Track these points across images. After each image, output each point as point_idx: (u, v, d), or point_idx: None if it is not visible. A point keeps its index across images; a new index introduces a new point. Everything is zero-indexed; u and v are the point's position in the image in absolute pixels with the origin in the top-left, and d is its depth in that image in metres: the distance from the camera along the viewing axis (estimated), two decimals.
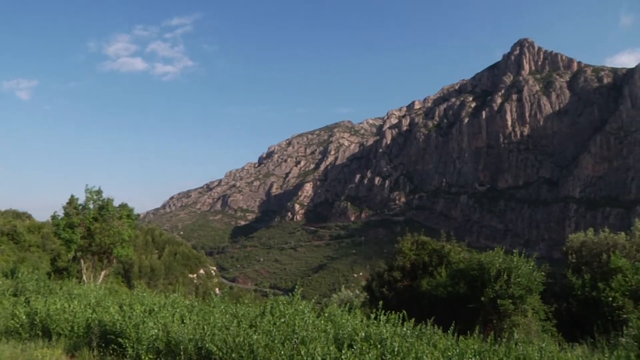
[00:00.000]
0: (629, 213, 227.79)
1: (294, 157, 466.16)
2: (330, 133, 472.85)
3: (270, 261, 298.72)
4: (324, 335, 10.18)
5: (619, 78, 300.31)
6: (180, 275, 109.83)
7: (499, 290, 20.81)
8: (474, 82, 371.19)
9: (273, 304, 12.65)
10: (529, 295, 21.39)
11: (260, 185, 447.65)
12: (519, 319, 20.69)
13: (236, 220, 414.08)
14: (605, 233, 30.57)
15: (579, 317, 23.58)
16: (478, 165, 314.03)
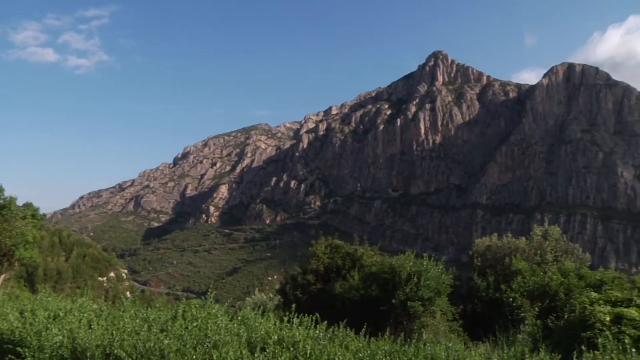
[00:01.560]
0: (529, 219, 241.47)
1: (210, 158, 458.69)
2: (248, 135, 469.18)
3: (183, 264, 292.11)
4: (236, 339, 10.06)
5: (523, 93, 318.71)
6: (89, 278, 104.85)
7: (409, 293, 21.38)
8: (390, 90, 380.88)
9: (185, 308, 12.33)
10: (438, 297, 22.11)
11: (174, 186, 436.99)
12: (428, 320, 21.35)
13: (149, 221, 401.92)
14: (508, 238, 32.26)
15: (483, 317, 24.65)
16: (392, 171, 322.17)
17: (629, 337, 10.74)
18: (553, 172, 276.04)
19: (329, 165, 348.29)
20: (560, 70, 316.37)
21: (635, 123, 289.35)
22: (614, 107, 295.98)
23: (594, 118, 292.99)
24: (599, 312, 12.44)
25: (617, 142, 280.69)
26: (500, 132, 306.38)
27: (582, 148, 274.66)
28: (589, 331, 11.92)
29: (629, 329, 11.34)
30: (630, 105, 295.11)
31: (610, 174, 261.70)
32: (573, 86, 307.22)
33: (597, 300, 14.11)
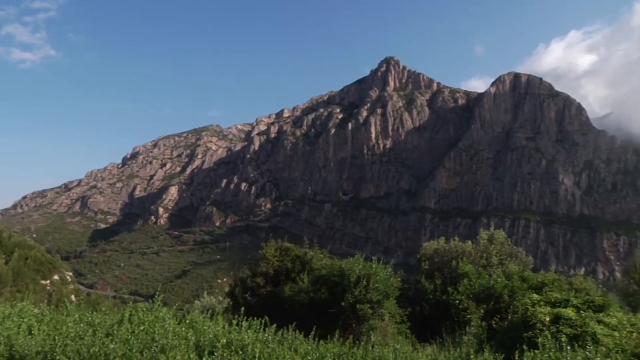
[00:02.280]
0: (475, 223, 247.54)
1: (160, 159, 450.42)
2: (198, 136, 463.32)
3: (131, 266, 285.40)
4: (184, 343, 9.94)
5: (472, 100, 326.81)
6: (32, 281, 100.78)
7: (358, 296, 21.54)
8: (342, 95, 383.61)
9: (132, 311, 12.05)
10: (386, 299, 22.36)
11: (123, 187, 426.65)
12: (376, 322, 21.54)
13: (96, 223, 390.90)
14: (455, 241, 32.95)
15: (431, 319, 25.06)
16: (342, 175, 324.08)
17: (566, 335, 11.24)
18: (499, 177, 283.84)
19: (280, 168, 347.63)
20: (507, 79, 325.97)
21: (575, 132, 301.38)
22: (556, 116, 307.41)
23: (538, 126, 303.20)
24: (540, 313, 12.89)
25: (558, 150, 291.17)
26: (449, 138, 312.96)
27: (526, 155, 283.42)
28: (530, 331, 12.33)
29: (565, 328, 11.82)
30: (571, 115, 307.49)
31: (552, 180, 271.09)
32: (519, 95, 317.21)
33: (538, 301, 14.60)
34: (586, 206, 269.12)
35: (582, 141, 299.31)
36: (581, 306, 13.67)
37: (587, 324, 11.86)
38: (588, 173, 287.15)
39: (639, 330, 11.88)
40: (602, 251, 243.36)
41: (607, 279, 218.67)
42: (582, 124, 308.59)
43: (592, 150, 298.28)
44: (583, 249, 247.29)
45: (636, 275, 35.37)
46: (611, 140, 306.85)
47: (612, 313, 13.25)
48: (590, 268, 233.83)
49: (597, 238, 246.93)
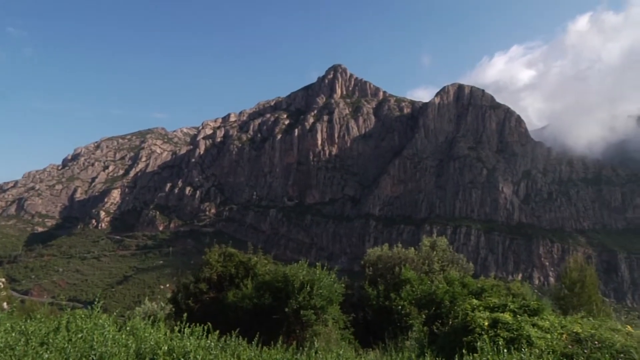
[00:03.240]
0: (418, 230, 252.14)
1: (102, 161, 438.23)
2: (143, 139, 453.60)
3: (70, 271, 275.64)
4: (124, 350, 9.72)
5: (416, 110, 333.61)
6: None
7: (302, 302, 21.56)
8: (289, 101, 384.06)
9: (70, 319, 11.65)
10: (330, 305, 22.46)
11: (63, 190, 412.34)
12: (320, 328, 21.61)
13: (33, 226, 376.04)
14: (398, 248, 33.45)
15: (374, 325, 25.33)
16: (288, 181, 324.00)
17: (503, 339, 11.63)
18: (442, 186, 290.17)
19: (225, 173, 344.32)
20: (451, 90, 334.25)
21: (515, 143, 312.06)
22: (497, 127, 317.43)
23: (480, 137, 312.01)
24: (479, 318, 13.25)
25: (499, 159, 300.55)
26: (394, 146, 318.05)
27: (468, 164, 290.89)
28: (470, 335, 12.65)
29: (503, 332, 12.21)
30: (511, 127, 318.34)
31: (492, 189, 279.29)
32: (462, 106, 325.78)
33: (477, 306, 15.00)
34: (524, 214, 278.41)
35: (521, 152, 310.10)
36: (517, 311, 14.15)
37: (523, 328, 12.29)
38: (526, 183, 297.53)
39: (569, 331, 12.42)
40: (538, 257, 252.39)
41: (542, 284, 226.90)
42: (521, 135, 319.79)
43: (530, 160, 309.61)
44: (520, 255, 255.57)
45: (567, 280, 36.88)
46: (548, 151, 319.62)
47: (546, 316, 13.78)
48: (527, 274, 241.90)
49: (534, 245, 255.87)
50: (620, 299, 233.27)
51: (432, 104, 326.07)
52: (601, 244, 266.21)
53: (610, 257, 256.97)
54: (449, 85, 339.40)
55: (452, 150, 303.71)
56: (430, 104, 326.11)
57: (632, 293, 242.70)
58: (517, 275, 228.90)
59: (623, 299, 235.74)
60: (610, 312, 37.87)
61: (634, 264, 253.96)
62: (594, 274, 38.26)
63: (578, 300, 35.05)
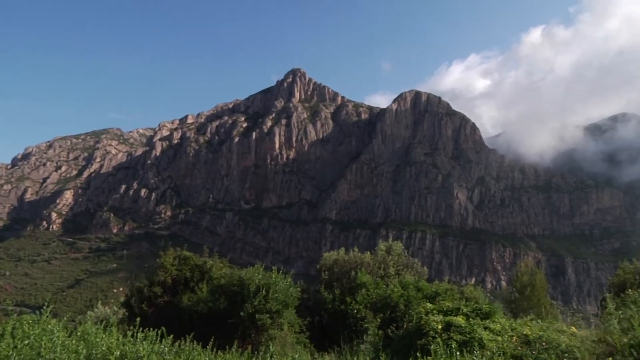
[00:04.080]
0: (375, 235, 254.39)
1: (55, 161, 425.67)
2: (98, 139, 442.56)
3: (18, 275, 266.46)
4: (74, 357, 9.48)
5: (374, 115, 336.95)
6: None
7: (257, 306, 21.48)
8: (248, 103, 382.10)
9: (15, 324, 11.19)
10: (286, 309, 22.44)
11: (12, 190, 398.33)
12: (275, 332, 21.55)
13: None
14: (354, 252, 33.67)
15: (329, 328, 25.42)
16: (245, 184, 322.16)
17: (456, 342, 11.88)
18: (398, 191, 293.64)
19: (181, 175, 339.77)
20: (409, 96, 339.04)
21: (470, 150, 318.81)
22: (452, 134, 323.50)
23: (436, 143, 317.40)
24: (433, 321, 13.48)
25: (454, 166, 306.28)
26: (351, 151, 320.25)
27: (424, 170, 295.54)
28: (424, 339, 12.85)
29: (456, 334, 12.47)
30: (466, 134, 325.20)
31: (447, 195, 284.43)
32: (419, 112, 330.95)
33: (431, 310, 15.25)
34: (478, 220, 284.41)
35: (475, 158, 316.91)
36: (470, 314, 14.45)
37: (475, 331, 12.56)
38: (480, 189, 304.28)
39: (519, 334, 12.77)
40: (491, 262, 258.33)
41: (495, 287, 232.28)
42: (476, 143, 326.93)
43: (484, 167, 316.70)
44: (474, 260, 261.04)
45: (518, 284, 37.93)
46: (501, 158, 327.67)
47: (497, 319, 14.12)
48: (480, 278, 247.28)
49: (487, 250, 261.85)
50: (566, 301, 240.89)
51: (390, 110, 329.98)
52: (550, 249, 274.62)
53: (558, 262, 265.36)
54: (406, 91, 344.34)
55: (408, 156, 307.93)
56: (388, 110, 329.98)
57: (577, 296, 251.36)
58: (471, 279, 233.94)
59: (569, 301, 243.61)
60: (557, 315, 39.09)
61: (579, 268, 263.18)
62: (543, 278, 39.45)
63: (528, 303, 36.03)
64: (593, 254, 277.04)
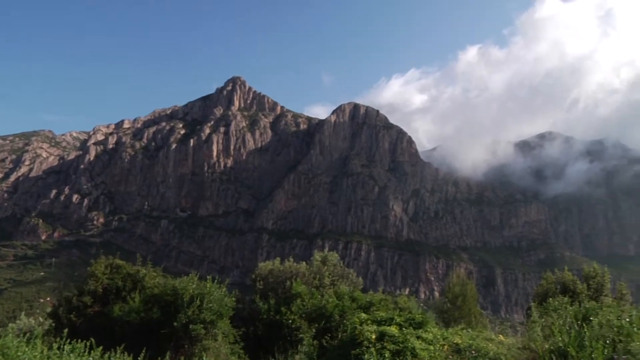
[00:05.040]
0: (311, 245, 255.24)
1: None
2: (27, 141, 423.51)
3: None
4: None
5: (313, 126, 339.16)
6: None
7: (191, 316, 21.17)
8: (186, 110, 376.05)
9: None
10: (220, 319, 22.20)
11: None
12: (209, 343, 21.28)
13: None
14: (289, 262, 33.71)
15: (264, 339, 25.29)
16: (181, 192, 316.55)
17: (389, 351, 12.12)
18: (335, 202, 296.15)
19: (116, 181, 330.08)
20: (347, 108, 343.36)
21: (406, 163, 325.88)
22: (389, 147, 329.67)
23: (373, 155, 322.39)
24: (367, 331, 13.66)
25: (390, 178, 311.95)
26: (289, 160, 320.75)
27: (361, 181, 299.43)
28: (358, 348, 13.00)
29: (389, 344, 12.69)
30: (402, 147, 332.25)
31: (383, 206, 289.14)
32: (357, 124, 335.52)
33: (365, 320, 15.45)
34: (412, 231, 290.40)
35: (411, 171, 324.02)
36: (403, 324, 14.75)
37: (408, 340, 12.83)
38: (415, 201, 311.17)
39: (450, 343, 13.16)
40: (424, 273, 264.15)
41: (428, 298, 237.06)
42: (412, 156, 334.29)
43: (419, 180, 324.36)
44: (408, 270, 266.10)
45: (450, 294, 38.99)
46: (436, 172, 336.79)
47: (429, 329, 14.48)
48: (413, 288, 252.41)
49: (421, 261, 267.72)
50: (496, 311, 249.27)
51: (328, 121, 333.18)
52: (481, 260, 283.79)
53: (488, 273, 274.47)
54: (345, 104, 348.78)
55: (345, 167, 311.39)
56: (327, 122, 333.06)
57: (506, 305, 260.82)
58: (405, 290, 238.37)
59: (498, 310, 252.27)
60: (486, 324, 40.39)
61: (508, 278, 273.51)
62: (474, 289, 40.72)
63: (459, 312, 37.05)
64: (521, 265, 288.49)
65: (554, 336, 10.37)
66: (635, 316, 11.64)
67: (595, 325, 10.69)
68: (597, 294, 31.73)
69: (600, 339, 9.67)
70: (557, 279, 33.54)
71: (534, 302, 30.71)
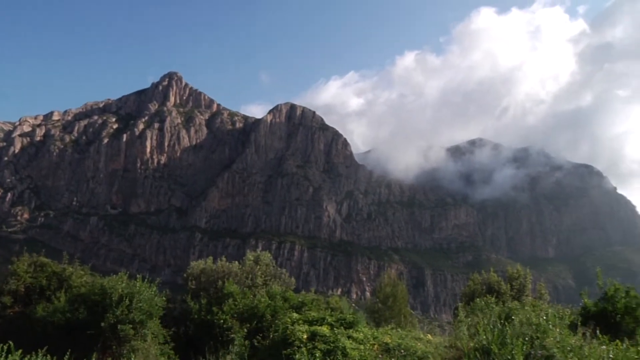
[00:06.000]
0: (244, 244, 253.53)
1: None
2: None
3: None
4: None
5: (249, 125, 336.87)
6: None
7: (120, 316, 20.74)
8: (120, 104, 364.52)
9: None
10: (150, 319, 21.84)
11: None
12: (138, 343, 20.89)
13: None
14: (222, 262, 33.51)
15: (195, 339, 25.07)
16: (112, 188, 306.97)
17: (320, 351, 12.28)
18: (269, 201, 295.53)
19: (43, 175, 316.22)
20: (284, 109, 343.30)
21: (340, 165, 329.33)
22: (324, 148, 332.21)
23: (308, 156, 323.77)
24: (298, 331, 13.78)
25: (324, 179, 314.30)
26: (224, 159, 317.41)
27: (295, 182, 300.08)
28: (289, 348, 13.10)
29: (320, 344, 12.86)
30: (337, 149, 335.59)
31: (317, 207, 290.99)
32: (293, 125, 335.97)
33: (297, 320, 15.57)
34: (345, 232, 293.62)
35: (345, 173, 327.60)
36: (335, 324, 14.97)
37: (339, 340, 13.04)
38: (348, 202, 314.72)
39: (380, 342, 13.48)
40: (357, 273, 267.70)
41: (360, 298, 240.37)
42: (347, 158, 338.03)
43: (353, 182, 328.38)
44: (341, 271, 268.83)
45: (381, 295, 39.82)
46: (369, 174, 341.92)
47: (360, 329, 14.77)
48: (346, 289, 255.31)
49: (353, 261, 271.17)
50: (425, 311, 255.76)
51: (265, 121, 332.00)
52: (412, 262, 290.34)
53: (418, 274, 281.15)
54: (282, 104, 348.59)
55: (280, 167, 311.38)
56: (263, 121, 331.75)
57: (435, 305, 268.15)
58: (337, 290, 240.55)
59: (427, 310, 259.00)
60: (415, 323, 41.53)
61: (437, 279, 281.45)
62: (404, 289, 41.76)
63: (390, 313, 37.91)
64: (450, 266, 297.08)
65: (479, 335, 10.84)
66: (551, 314, 12.45)
67: (516, 323, 11.26)
68: (519, 294, 33.31)
69: (520, 337, 10.21)
70: (483, 280, 34.93)
71: (461, 302, 31.90)
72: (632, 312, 21.48)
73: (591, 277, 37.50)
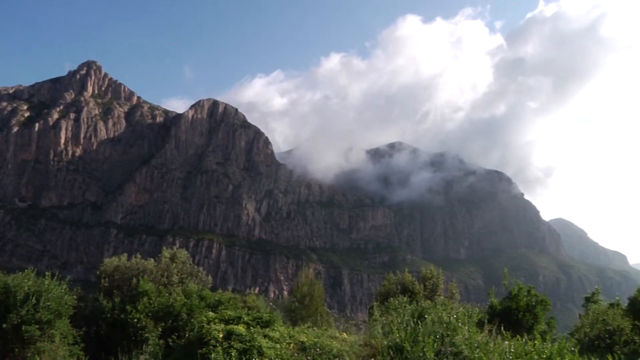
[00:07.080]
0: (161, 241, 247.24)
1: None
2: None
3: None
4: None
5: (169, 120, 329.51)
6: None
7: (25, 316, 19.86)
8: (32, 91, 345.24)
9: None
10: (59, 319, 21.04)
11: None
12: (45, 345, 20.03)
13: None
14: (137, 259, 32.70)
15: (107, 339, 24.39)
16: (21, 179, 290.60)
17: (236, 350, 12.30)
18: (188, 198, 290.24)
19: None
20: (206, 105, 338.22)
21: (261, 163, 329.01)
22: (245, 146, 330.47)
23: (229, 153, 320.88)
24: (214, 330, 13.70)
25: (245, 177, 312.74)
26: (143, 153, 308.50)
27: (215, 179, 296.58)
28: (205, 348, 12.99)
29: (236, 343, 12.85)
30: (259, 147, 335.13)
31: (236, 205, 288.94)
32: (215, 121, 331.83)
33: (213, 319, 15.47)
34: (264, 231, 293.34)
35: (265, 172, 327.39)
36: (251, 323, 14.99)
37: (255, 339, 13.08)
38: (268, 201, 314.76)
39: (296, 341, 13.64)
40: (275, 272, 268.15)
41: (277, 297, 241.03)
42: (267, 156, 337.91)
43: (274, 181, 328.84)
44: (259, 269, 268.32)
45: (298, 294, 40.19)
46: (290, 174, 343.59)
47: (276, 328, 14.87)
48: (263, 287, 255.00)
49: (271, 260, 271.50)
50: (342, 310, 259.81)
51: (186, 116, 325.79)
52: (330, 261, 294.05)
53: (336, 273, 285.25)
54: (204, 99, 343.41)
55: (200, 163, 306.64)
56: (184, 116, 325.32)
57: (351, 304, 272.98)
58: (255, 289, 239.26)
59: (344, 310, 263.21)
60: (332, 322, 42.15)
61: (354, 279, 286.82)
62: (321, 288, 42.30)
63: (307, 311, 38.29)
64: (366, 266, 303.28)
65: (393, 333, 11.22)
66: (461, 313, 13.12)
67: (428, 322, 11.75)
68: (432, 294, 34.55)
69: (432, 334, 10.67)
70: (398, 280, 35.98)
71: (376, 301, 32.71)
72: (532, 309, 23.19)
73: (499, 278, 39.58)
